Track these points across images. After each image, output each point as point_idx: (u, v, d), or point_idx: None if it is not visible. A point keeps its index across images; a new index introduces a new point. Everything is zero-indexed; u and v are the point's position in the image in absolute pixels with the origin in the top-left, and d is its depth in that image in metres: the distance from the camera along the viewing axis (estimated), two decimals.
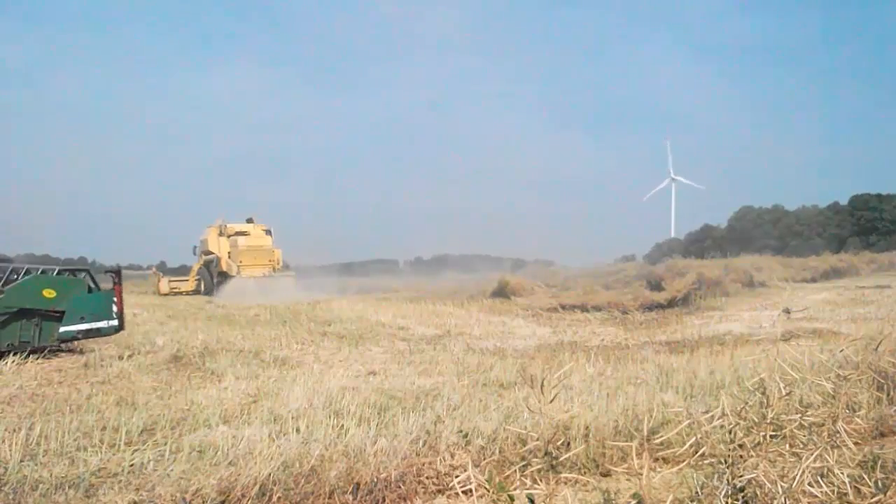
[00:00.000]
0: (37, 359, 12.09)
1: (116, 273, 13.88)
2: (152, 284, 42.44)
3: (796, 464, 4.44)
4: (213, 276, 40.49)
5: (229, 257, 40.40)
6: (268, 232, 42.08)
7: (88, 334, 13.12)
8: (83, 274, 13.58)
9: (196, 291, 40.44)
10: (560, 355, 12.37)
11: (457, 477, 4.81)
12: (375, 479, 5.44)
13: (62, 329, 12.83)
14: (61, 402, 9.02)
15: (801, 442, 4.78)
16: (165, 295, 39.03)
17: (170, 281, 42.16)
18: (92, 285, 13.43)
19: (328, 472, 5.48)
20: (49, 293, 12.83)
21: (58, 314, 12.76)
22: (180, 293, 40.05)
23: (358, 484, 5.40)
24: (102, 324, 13.11)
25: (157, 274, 44.55)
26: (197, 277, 41.93)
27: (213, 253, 41.23)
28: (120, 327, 13.38)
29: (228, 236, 41.31)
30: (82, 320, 12.94)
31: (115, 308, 13.18)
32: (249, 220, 43.06)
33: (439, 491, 5.48)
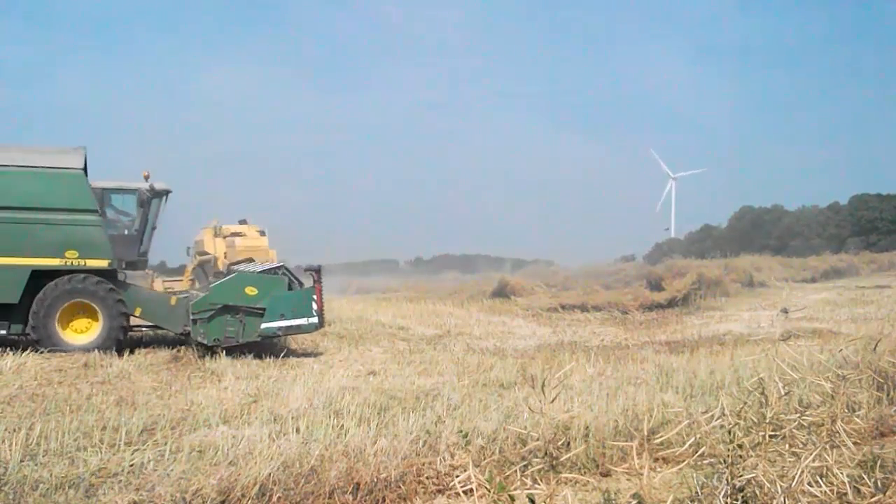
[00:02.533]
0: (37, 359, 12.08)
1: (316, 271, 14.00)
2: (146, 284, 42.54)
3: (795, 463, 4.45)
4: (208, 276, 40.88)
5: (225, 257, 40.75)
6: (262, 233, 42.59)
7: (289, 331, 13.55)
8: (283, 272, 13.83)
9: None
10: (560, 355, 12.37)
11: (457, 477, 4.81)
12: (375, 479, 5.45)
13: (263, 326, 13.27)
14: (61, 402, 9.02)
15: (801, 442, 4.79)
16: None
17: (164, 281, 42.30)
18: (293, 283, 13.76)
19: (328, 472, 5.48)
20: (251, 290, 13.34)
21: (259, 311, 13.23)
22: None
23: (358, 484, 5.41)
24: (302, 321, 13.39)
25: (150, 274, 44.69)
26: (191, 278, 42.20)
27: (208, 253, 41.51)
28: (320, 324, 13.64)
29: (224, 237, 41.67)
30: (282, 317, 13.28)
31: (314, 305, 13.39)
32: (243, 222, 43.42)
33: (439, 491, 5.49)
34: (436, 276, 57.57)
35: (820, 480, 4.40)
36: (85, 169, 14.31)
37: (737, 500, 4.41)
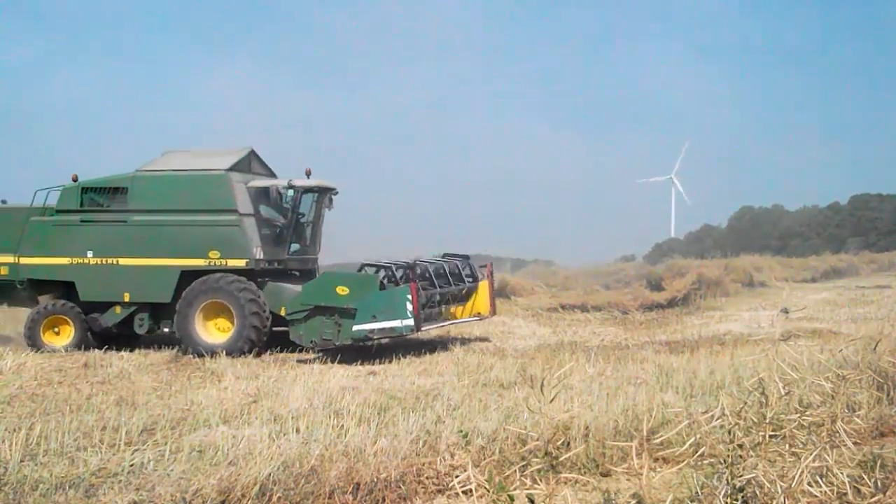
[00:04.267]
0: (37, 359, 12.09)
1: (410, 268, 13.19)
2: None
3: (795, 464, 4.45)
4: None
5: None
6: None
7: (382, 333, 12.68)
8: (376, 271, 13.19)
9: None
10: (560, 355, 12.36)
11: (457, 477, 4.82)
12: (375, 479, 5.45)
13: (355, 328, 12.55)
14: (61, 402, 9.03)
15: (801, 442, 4.79)
16: None
17: None
18: (386, 282, 13.00)
19: (328, 472, 5.48)
20: (342, 290, 12.69)
21: (353, 312, 12.57)
22: None
23: (358, 484, 5.41)
24: (396, 323, 12.40)
25: None
26: None
27: None
28: (416, 327, 12.59)
29: None
30: (374, 319, 12.47)
31: (409, 306, 12.36)
32: None
33: (439, 491, 5.49)
34: None
35: (820, 480, 4.40)
36: (240, 168, 14.56)
37: (737, 500, 4.41)
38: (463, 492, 4.45)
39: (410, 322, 12.34)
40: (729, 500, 4.40)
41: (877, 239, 69.90)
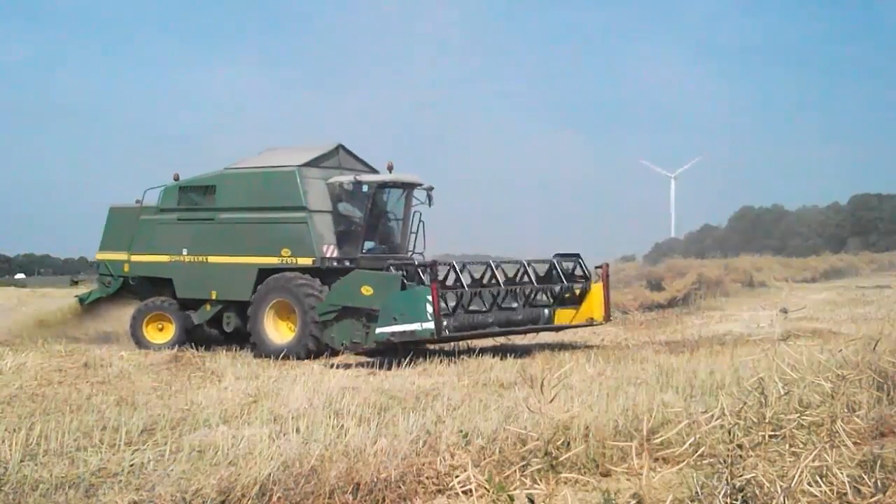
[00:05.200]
0: (37, 359, 12.09)
1: (430, 266, 12.29)
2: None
3: (795, 463, 4.45)
4: None
5: None
6: None
7: (403, 336, 11.92)
8: (401, 271, 12.49)
9: None
10: (560, 355, 12.37)
11: (457, 477, 4.81)
12: (375, 479, 5.44)
13: (378, 330, 11.92)
14: (61, 402, 9.03)
15: (801, 442, 4.79)
16: None
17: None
18: (408, 282, 12.23)
19: (328, 472, 5.48)
20: (367, 290, 12.14)
21: (377, 313, 12.01)
22: None
23: (358, 484, 5.41)
24: (416, 326, 11.64)
25: None
26: None
27: None
28: (437, 332, 11.72)
29: None
30: (395, 321, 11.78)
31: (429, 308, 11.56)
32: None
33: (439, 491, 5.49)
34: None
35: (820, 480, 4.40)
36: (324, 164, 14.47)
37: (736, 500, 4.41)
38: (463, 492, 4.45)
39: (431, 325, 11.58)
40: (729, 500, 4.40)
41: (877, 239, 69.96)
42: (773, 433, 4.72)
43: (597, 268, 14.48)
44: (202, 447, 6.67)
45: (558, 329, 14.74)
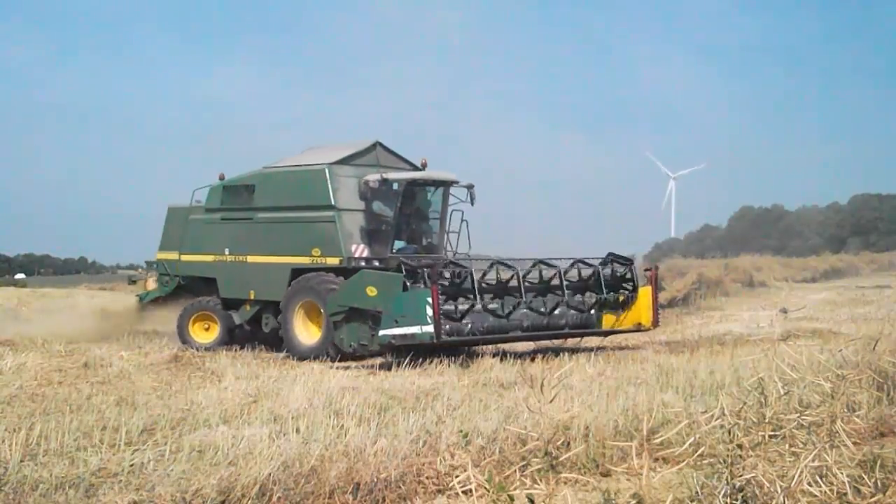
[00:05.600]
0: (37, 359, 12.08)
1: (431, 267, 11.66)
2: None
3: (795, 463, 4.45)
4: None
5: None
6: None
7: (404, 340, 11.53)
8: (415, 271, 11.90)
9: None
10: (560, 355, 12.37)
11: (457, 477, 4.81)
12: (375, 479, 5.45)
13: (381, 332, 11.56)
14: (61, 402, 9.03)
15: (801, 442, 4.78)
16: None
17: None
18: (407, 282, 11.70)
19: (328, 472, 5.48)
20: (371, 291, 11.79)
21: (381, 315, 11.68)
22: None
23: (358, 484, 5.41)
24: (415, 329, 11.22)
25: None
26: None
27: None
28: (436, 336, 11.19)
29: None
30: (396, 323, 11.42)
31: (429, 311, 11.12)
32: None
33: (439, 491, 5.49)
34: None
35: (820, 480, 4.40)
36: (360, 162, 14.18)
37: (736, 499, 4.41)
38: (463, 492, 4.45)
39: (430, 329, 11.16)
40: (729, 500, 4.40)
41: (877, 239, 69.95)
42: (773, 433, 4.72)
43: (646, 270, 14.10)
44: (202, 447, 6.67)
45: (606, 334, 14.08)
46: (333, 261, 13.55)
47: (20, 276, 74.88)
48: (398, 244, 14.22)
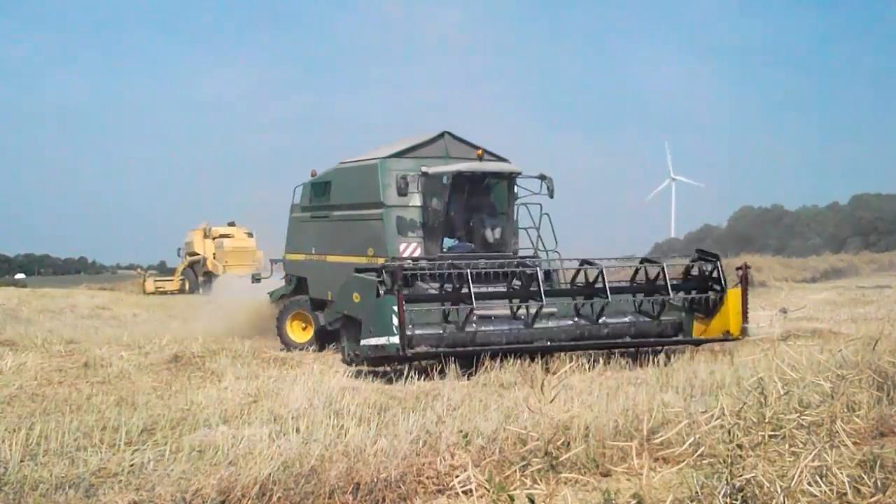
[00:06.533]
0: (37, 359, 12.07)
1: (393, 273, 10.53)
2: (138, 283, 44.01)
3: (795, 463, 4.45)
4: (198, 276, 42.72)
5: (215, 258, 42.78)
6: (250, 234, 44.67)
7: (377, 351, 10.51)
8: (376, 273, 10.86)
9: (181, 291, 42.05)
10: (560, 355, 12.34)
11: (457, 477, 4.81)
12: (375, 479, 5.45)
13: (361, 342, 10.64)
14: (61, 402, 9.03)
15: (800, 442, 4.78)
16: (151, 294, 40.44)
17: (155, 280, 44.45)
18: (381, 289, 10.51)
19: (328, 472, 5.48)
20: (356, 297, 11.12)
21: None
22: (165, 292, 41.60)
23: (358, 484, 5.41)
24: (383, 340, 10.24)
25: (142, 273, 47.06)
26: (181, 277, 44.19)
27: (198, 254, 43.56)
28: (402, 347, 10.17)
29: (213, 238, 43.76)
30: (370, 332, 10.53)
31: (394, 320, 10.15)
32: (231, 224, 45.49)
33: (439, 491, 5.49)
34: None
35: (819, 480, 4.40)
36: (424, 154, 13.30)
37: (736, 499, 4.41)
38: (463, 492, 4.45)
39: (396, 340, 10.15)
40: (729, 500, 4.41)
41: (877, 239, 69.95)
42: (772, 433, 4.71)
43: (737, 269, 12.02)
44: (202, 447, 6.67)
45: (696, 343, 12.12)
46: (381, 259, 12.67)
47: (20, 276, 74.95)
48: (448, 242, 13.24)
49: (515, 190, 13.55)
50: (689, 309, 12.29)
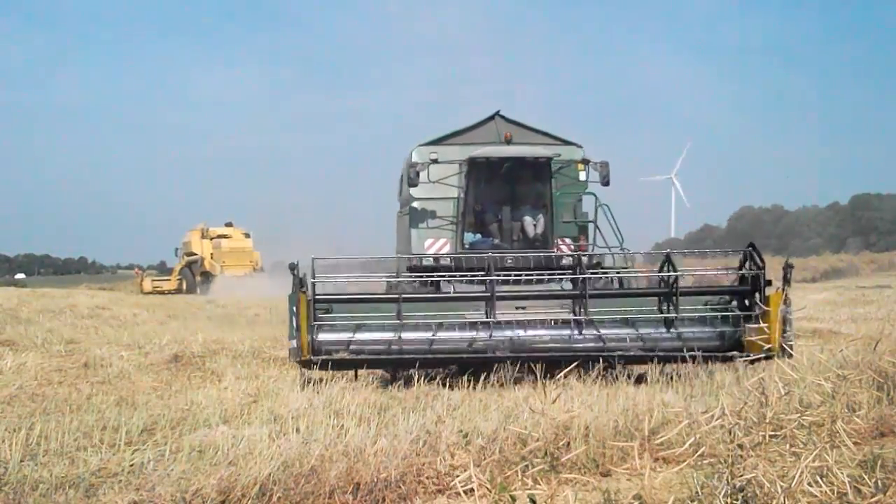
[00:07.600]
0: (37, 359, 12.07)
1: (292, 270, 9.69)
2: (136, 283, 44.17)
3: (796, 463, 4.45)
4: (196, 276, 42.85)
5: (212, 258, 42.91)
6: (247, 235, 44.84)
7: (294, 355, 9.74)
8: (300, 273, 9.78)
9: (178, 290, 42.16)
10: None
11: (457, 477, 4.81)
12: (375, 479, 5.45)
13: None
14: (61, 402, 9.02)
15: (801, 442, 4.78)
16: (148, 293, 40.59)
17: (152, 280, 44.65)
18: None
19: (328, 472, 5.48)
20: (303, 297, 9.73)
21: None
22: (162, 292, 41.72)
23: (358, 484, 5.41)
24: (292, 343, 9.57)
25: (139, 273, 47.33)
26: (179, 277, 44.30)
27: (195, 254, 43.65)
28: (298, 353, 9.54)
29: (211, 239, 43.89)
30: (293, 335, 9.68)
31: (294, 322, 9.46)
32: (229, 224, 45.71)
33: (440, 491, 5.49)
34: None
35: (820, 480, 4.40)
36: (470, 140, 12.19)
37: (737, 499, 4.41)
38: (464, 492, 4.44)
39: (294, 344, 9.52)
40: (729, 500, 4.41)
41: (877, 239, 70.01)
42: (773, 433, 4.71)
43: (784, 268, 9.64)
44: (202, 447, 6.66)
45: (752, 361, 8.82)
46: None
47: (20, 276, 75.04)
48: (469, 237, 12.15)
49: (555, 178, 12.05)
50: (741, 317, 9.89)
